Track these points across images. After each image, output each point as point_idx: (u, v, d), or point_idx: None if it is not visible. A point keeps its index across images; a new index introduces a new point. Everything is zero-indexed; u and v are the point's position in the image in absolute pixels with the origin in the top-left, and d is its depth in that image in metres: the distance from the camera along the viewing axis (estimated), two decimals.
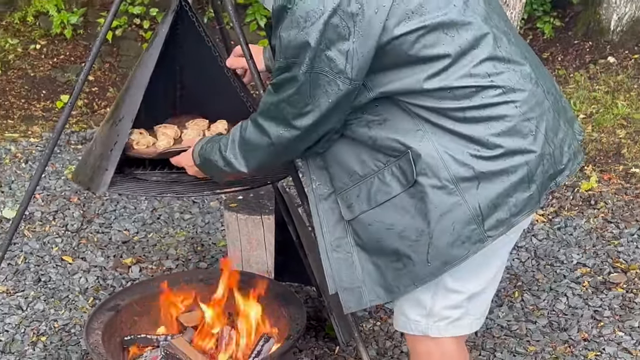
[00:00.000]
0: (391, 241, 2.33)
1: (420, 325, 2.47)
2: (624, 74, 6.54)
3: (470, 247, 2.28)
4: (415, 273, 2.33)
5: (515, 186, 2.26)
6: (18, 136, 5.93)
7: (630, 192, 4.82)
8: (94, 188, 2.83)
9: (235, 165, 2.48)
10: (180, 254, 4.32)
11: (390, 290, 2.40)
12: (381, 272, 2.39)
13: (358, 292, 2.43)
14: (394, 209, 2.30)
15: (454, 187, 2.24)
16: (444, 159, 2.23)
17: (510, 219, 2.28)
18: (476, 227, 2.26)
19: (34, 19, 7.31)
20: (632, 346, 3.49)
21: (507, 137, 2.25)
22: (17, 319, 3.77)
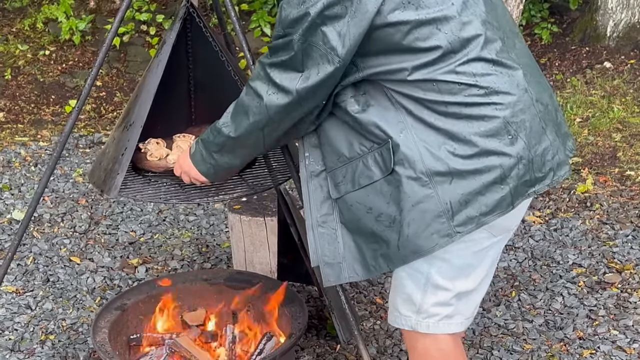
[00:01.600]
0: (369, 223, 2.38)
1: (411, 321, 2.49)
2: (619, 79, 6.55)
3: (439, 240, 2.31)
4: (388, 256, 2.39)
5: (487, 186, 2.28)
6: (28, 140, 5.95)
7: (625, 194, 4.83)
8: (106, 191, 2.85)
9: (224, 131, 2.48)
10: (186, 254, 4.34)
11: (367, 269, 2.44)
12: (360, 251, 2.44)
13: (338, 267, 2.48)
14: (374, 193, 2.35)
15: (427, 180, 2.28)
16: (421, 152, 2.27)
17: (479, 218, 2.30)
18: (445, 221, 2.29)
19: (43, 25, 7.33)
20: (627, 344, 3.49)
21: (485, 137, 2.26)
22: (26, 318, 3.79)
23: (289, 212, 3.53)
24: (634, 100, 6.23)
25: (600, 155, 5.35)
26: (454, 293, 2.44)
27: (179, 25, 2.95)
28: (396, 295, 2.51)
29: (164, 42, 2.94)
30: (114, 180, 2.81)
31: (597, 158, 5.32)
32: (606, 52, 7.08)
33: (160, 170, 3.00)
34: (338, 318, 3.21)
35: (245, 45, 2.84)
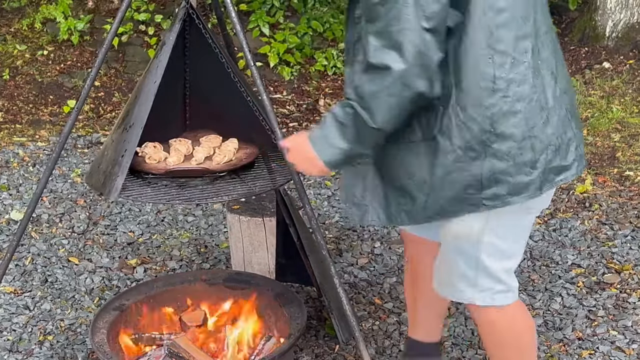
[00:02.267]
0: (400, 178, 2.49)
1: (466, 295, 2.64)
2: (618, 79, 6.55)
3: (465, 208, 2.45)
4: (412, 213, 2.51)
5: (518, 168, 2.39)
6: (26, 140, 5.95)
7: (624, 195, 4.84)
8: (106, 193, 2.85)
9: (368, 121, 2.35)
10: (184, 255, 4.34)
11: (390, 218, 2.56)
12: (387, 200, 2.54)
13: (364, 209, 2.59)
14: (412, 153, 2.45)
15: (462, 154, 2.38)
16: (460, 127, 2.36)
17: (506, 197, 2.41)
18: (474, 192, 2.42)
19: (41, 25, 7.32)
20: (626, 345, 3.50)
21: (522, 120, 2.37)
22: (24, 318, 3.78)
23: (288, 212, 3.53)
24: (632, 100, 6.23)
25: (599, 156, 5.35)
26: (502, 271, 2.60)
27: (178, 26, 2.95)
28: (450, 273, 2.65)
29: (164, 43, 2.94)
30: (114, 182, 2.81)
31: (596, 158, 5.32)
32: (605, 52, 7.08)
33: (161, 172, 3.00)
34: (337, 318, 3.22)
35: (246, 46, 2.84)
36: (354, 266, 4.16)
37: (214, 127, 3.27)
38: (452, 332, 3.60)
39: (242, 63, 5.37)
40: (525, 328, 2.77)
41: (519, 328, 2.75)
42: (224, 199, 3.01)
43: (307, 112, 6.24)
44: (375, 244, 4.35)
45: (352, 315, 2.94)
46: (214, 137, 3.24)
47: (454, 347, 3.51)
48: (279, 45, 6.73)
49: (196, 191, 2.95)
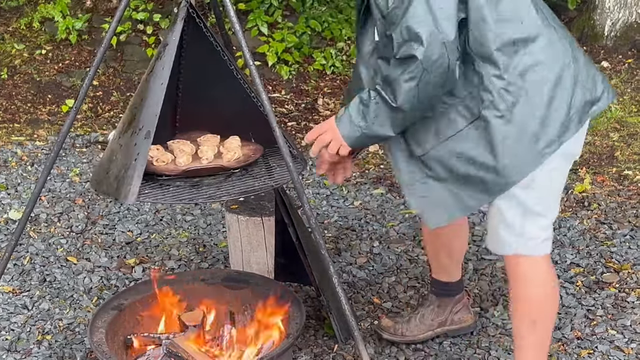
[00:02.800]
0: (462, 168, 2.73)
1: (513, 246, 2.85)
2: (617, 79, 6.56)
3: (530, 163, 2.69)
4: (486, 191, 2.74)
5: (559, 109, 2.67)
6: (24, 139, 5.95)
7: (623, 194, 4.84)
8: (122, 198, 2.82)
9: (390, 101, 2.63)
10: (183, 254, 4.34)
11: (465, 209, 2.84)
12: (455, 195, 2.79)
13: (438, 211, 2.86)
14: (462, 140, 2.70)
15: (509, 115, 2.64)
16: (500, 93, 2.63)
17: (559, 138, 2.69)
18: (533, 146, 2.67)
19: (39, 24, 7.32)
20: (624, 344, 3.50)
21: (547, 66, 2.67)
22: (22, 318, 3.78)
23: (287, 212, 3.54)
24: (631, 99, 6.24)
25: (598, 155, 5.35)
26: (547, 219, 2.86)
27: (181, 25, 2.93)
28: (497, 225, 2.85)
29: (166, 44, 2.91)
30: (129, 186, 2.79)
31: (594, 157, 5.32)
32: (604, 51, 7.09)
33: (177, 173, 2.99)
34: (336, 318, 3.22)
35: (245, 45, 2.84)
36: (353, 265, 4.16)
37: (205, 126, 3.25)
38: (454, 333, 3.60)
39: (241, 62, 5.37)
40: (555, 281, 3.01)
41: (550, 280, 2.97)
42: (246, 193, 3.01)
43: (306, 112, 6.24)
44: (374, 244, 4.35)
45: (351, 314, 2.94)
46: (211, 136, 3.24)
47: (453, 347, 3.52)
48: (277, 44, 6.73)
49: (212, 189, 2.96)
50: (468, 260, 4.12)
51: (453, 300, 3.52)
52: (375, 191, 4.96)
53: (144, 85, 2.95)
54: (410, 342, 3.50)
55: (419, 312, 3.53)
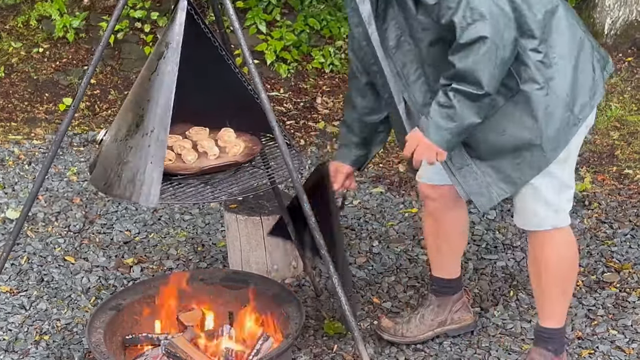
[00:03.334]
0: (507, 143, 2.86)
1: (550, 220, 3.02)
2: (617, 77, 6.54)
3: (570, 131, 2.85)
4: (533, 162, 2.87)
5: (588, 73, 2.85)
6: (21, 138, 5.93)
7: (624, 193, 4.83)
8: (143, 201, 2.79)
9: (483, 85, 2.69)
10: (181, 254, 4.33)
11: (513, 183, 2.94)
12: (501, 171, 2.92)
13: (487, 192, 2.97)
14: (503, 117, 2.82)
15: (547, 86, 2.77)
16: (537, 66, 2.76)
17: (590, 101, 2.86)
18: (570, 113, 2.82)
19: (36, 22, 7.30)
20: (625, 344, 3.49)
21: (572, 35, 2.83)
22: (20, 318, 3.77)
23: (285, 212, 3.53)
24: (631, 98, 6.23)
25: (598, 154, 5.35)
26: (573, 189, 3.05)
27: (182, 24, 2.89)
28: (535, 204, 2.99)
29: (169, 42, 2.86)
30: (150, 188, 2.76)
31: (595, 156, 5.31)
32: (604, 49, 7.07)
33: (193, 172, 2.96)
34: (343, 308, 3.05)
35: (244, 43, 2.82)
36: (352, 265, 4.15)
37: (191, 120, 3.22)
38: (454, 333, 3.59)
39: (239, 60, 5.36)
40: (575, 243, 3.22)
41: (575, 242, 3.19)
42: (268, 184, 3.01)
43: (305, 110, 6.22)
44: (373, 243, 4.34)
45: (351, 314, 2.93)
46: (199, 129, 3.21)
47: (453, 347, 3.51)
48: (275, 42, 6.71)
49: (226, 185, 2.94)
50: (468, 260, 4.11)
51: (452, 299, 3.52)
52: (374, 190, 4.95)
53: (147, 84, 2.91)
54: (410, 342, 3.50)
55: (419, 312, 3.52)
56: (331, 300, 3.82)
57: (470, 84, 2.67)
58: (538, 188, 2.95)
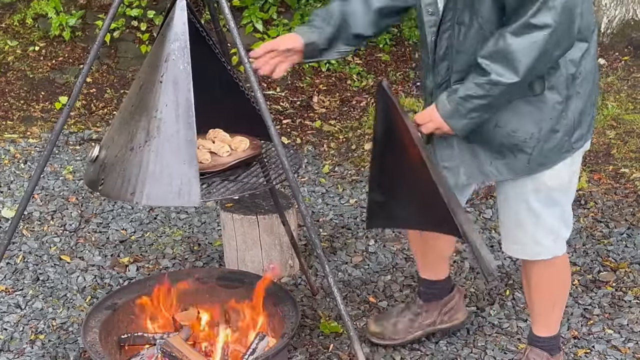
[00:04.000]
0: (498, 137, 2.74)
1: (551, 249, 2.95)
2: (614, 76, 6.55)
3: (560, 155, 2.76)
4: (513, 167, 2.78)
5: (591, 104, 2.78)
6: (17, 137, 5.93)
7: (620, 192, 4.84)
8: (185, 202, 2.74)
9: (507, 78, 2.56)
10: (177, 253, 4.32)
11: (484, 174, 2.83)
12: (477, 157, 2.81)
13: (456, 170, 2.86)
14: (508, 111, 2.69)
15: (565, 103, 2.68)
16: (568, 79, 2.66)
17: (587, 134, 2.79)
18: (568, 138, 2.73)
19: (32, 21, 7.29)
20: (621, 344, 3.49)
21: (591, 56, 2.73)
22: (15, 317, 3.77)
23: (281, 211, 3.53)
24: (628, 97, 6.23)
25: (595, 153, 5.35)
26: (570, 212, 2.96)
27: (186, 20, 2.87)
28: (536, 231, 2.90)
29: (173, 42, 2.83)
30: (189, 187, 2.74)
31: (591, 155, 5.32)
32: (600, 48, 7.07)
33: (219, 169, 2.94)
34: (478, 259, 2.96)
35: (239, 42, 2.82)
36: (348, 264, 4.15)
37: None
38: (447, 330, 3.59)
39: (236, 59, 5.36)
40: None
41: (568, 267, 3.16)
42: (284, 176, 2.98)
43: (301, 109, 6.22)
44: (369, 242, 4.34)
45: (346, 313, 2.93)
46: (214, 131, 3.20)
47: (449, 346, 3.51)
48: None
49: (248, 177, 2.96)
50: (464, 259, 4.12)
51: (440, 303, 3.48)
52: None
53: (156, 87, 2.83)
54: (400, 344, 3.47)
55: (406, 316, 3.48)
56: (327, 300, 3.83)
57: (506, 67, 2.53)
58: (541, 215, 2.88)
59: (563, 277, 3.14)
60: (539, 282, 3.10)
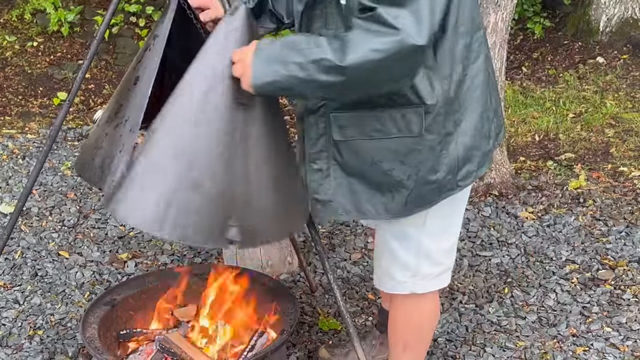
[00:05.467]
0: (375, 174, 2.50)
1: (408, 285, 2.72)
2: (612, 74, 6.56)
3: (442, 194, 2.52)
4: (389, 207, 2.54)
5: (482, 140, 2.53)
6: (15, 132, 5.92)
7: (618, 190, 4.84)
8: (106, 189, 2.77)
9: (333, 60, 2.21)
10: (176, 249, 4.32)
11: (361, 212, 2.58)
12: (355, 193, 2.56)
13: (329, 205, 2.60)
14: (387, 149, 2.46)
15: (444, 142, 2.45)
16: (446, 117, 2.42)
17: (476, 171, 2.55)
18: (452, 177, 2.50)
19: (31, 16, 7.30)
20: (620, 342, 3.50)
21: (481, 95, 2.49)
22: (14, 312, 3.76)
23: None
24: (626, 95, 6.24)
25: (593, 151, 5.35)
26: (443, 251, 2.70)
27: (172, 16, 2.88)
28: (390, 265, 2.71)
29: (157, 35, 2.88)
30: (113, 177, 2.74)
31: (589, 154, 5.32)
32: (599, 47, 7.09)
33: None
34: None
35: None
36: (347, 261, 4.15)
37: None
38: (445, 328, 3.60)
39: None
40: (438, 309, 2.93)
41: (437, 309, 2.90)
42: None
43: None
44: (368, 239, 4.34)
45: (346, 310, 2.93)
46: None
47: (448, 344, 3.51)
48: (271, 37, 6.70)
49: None
50: (463, 257, 4.12)
51: None
52: None
53: (131, 74, 2.91)
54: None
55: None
56: (326, 297, 3.83)
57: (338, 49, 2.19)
58: (394, 249, 2.68)
59: (420, 319, 2.87)
60: (394, 317, 2.90)
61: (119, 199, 2.49)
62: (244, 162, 2.48)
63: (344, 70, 2.20)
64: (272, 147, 2.56)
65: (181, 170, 2.45)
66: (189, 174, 2.44)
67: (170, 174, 2.45)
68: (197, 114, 2.47)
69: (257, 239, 2.59)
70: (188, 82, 2.52)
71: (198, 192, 2.43)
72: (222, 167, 2.45)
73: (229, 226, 2.44)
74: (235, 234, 2.44)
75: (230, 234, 2.44)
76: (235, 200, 2.47)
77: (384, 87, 2.32)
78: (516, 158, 5.34)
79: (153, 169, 2.49)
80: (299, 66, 2.25)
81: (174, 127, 2.50)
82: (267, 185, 2.54)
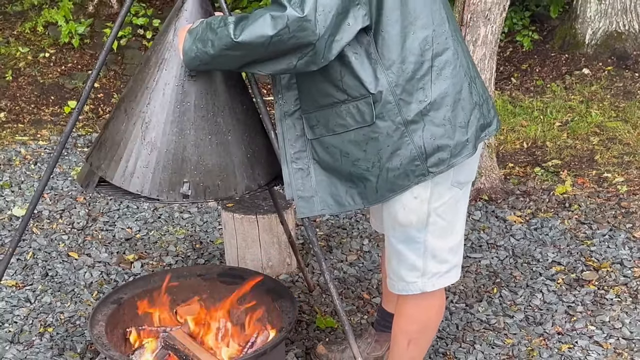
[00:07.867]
0: (346, 166, 2.57)
1: (418, 285, 2.72)
2: (597, 85, 6.57)
3: (414, 179, 2.52)
4: (365, 195, 2.59)
5: (455, 130, 2.50)
6: (28, 139, 5.93)
7: (602, 196, 4.85)
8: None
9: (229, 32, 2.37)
10: (180, 250, 4.33)
11: (341, 204, 2.64)
12: (334, 186, 2.63)
13: (311, 200, 2.67)
14: (349, 141, 2.53)
15: (404, 129, 2.46)
16: (400, 105, 2.45)
17: (450, 159, 2.51)
18: (420, 163, 2.49)
19: (43, 29, 7.31)
20: (603, 339, 3.50)
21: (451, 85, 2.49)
22: (25, 311, 3.77)
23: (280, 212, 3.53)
24: (610, 105, 6.25)
25: (579, 158, 5.36)
26: (448, 249, 2.69)
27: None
28: (399, 267, 2.71)
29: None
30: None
31: (575, 160, 5.33)
32: (585, 59, 7.10)
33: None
34: None
35: None
36: (344, 262, 4.15)
37: None
38: None
39: None
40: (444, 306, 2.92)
41: (443, 306, 2.90)
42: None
43: None
44: (364, 242, 4.34)
45: (342, 309, 2.94)
46: None
47: (439, 341, 3.51)
48: None
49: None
50: None
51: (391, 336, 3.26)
52: None
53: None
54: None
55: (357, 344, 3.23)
56: (323, 296, 3.83)
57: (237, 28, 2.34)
58: (401, 252, 2.68)
59: (428, 315, 2.86)
60: (402, 313, 2.88)
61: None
62: (194, 130, 2.72)
63: (239, 45, 2.36)
64: (220, 118, 2.76)
65: (139, 134, 2.72)
66: (147, 137, 2.72)
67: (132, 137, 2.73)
68: (154, 84, 2.74)
69: (206, 194, 2.75)
70: (151, 53, 2.80)
71: (154, 152, 2.70)
72: (175, 132, 2.71)
73: (183, 182, 2.71)
74: (187, 189, 2.71)
75: (183, 189, 2.71)
76: (186, 161, 2.71)
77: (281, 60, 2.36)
78: (505, 164, 5.35)
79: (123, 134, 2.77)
80: (211, 43, 2.45)
81: (138, 96, 2.76)
82: (215, 151, 2.74)
